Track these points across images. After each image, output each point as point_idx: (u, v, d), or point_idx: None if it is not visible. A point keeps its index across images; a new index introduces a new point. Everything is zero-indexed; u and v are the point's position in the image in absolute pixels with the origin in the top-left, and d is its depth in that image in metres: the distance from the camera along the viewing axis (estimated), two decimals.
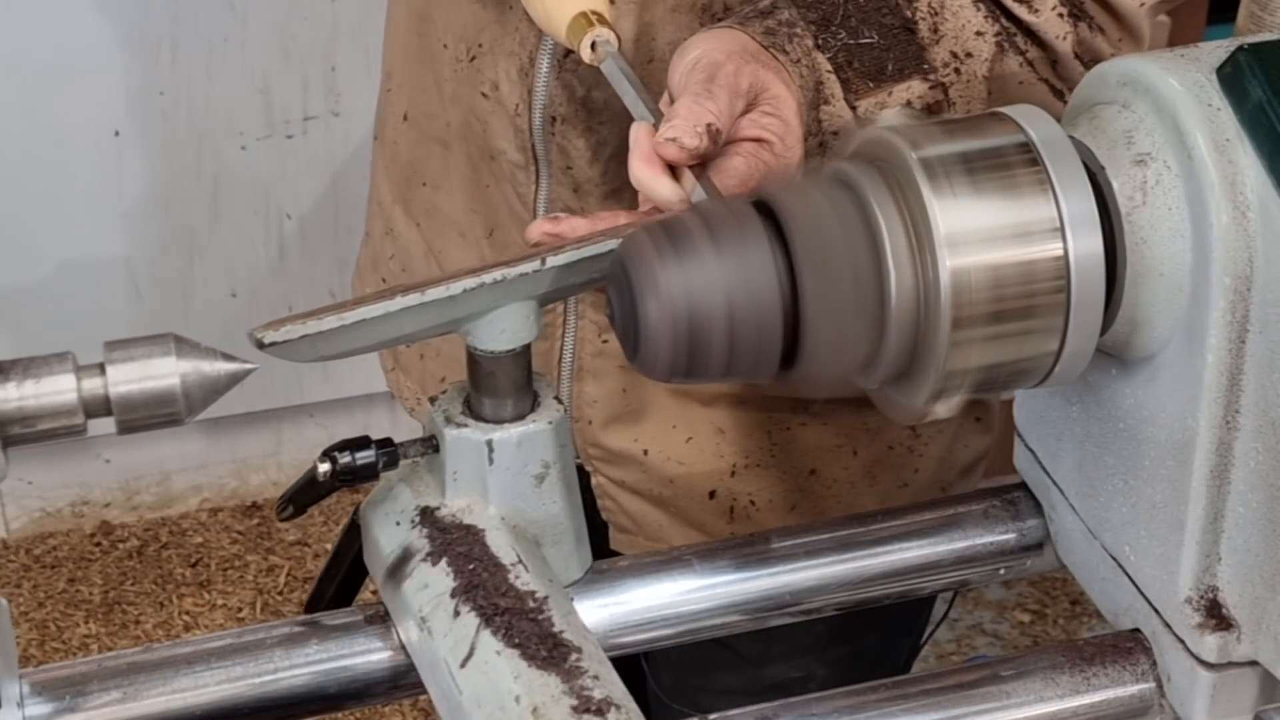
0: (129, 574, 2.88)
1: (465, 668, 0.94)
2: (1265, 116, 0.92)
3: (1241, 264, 0.92)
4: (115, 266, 2.75)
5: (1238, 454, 0.96)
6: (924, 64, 1.13)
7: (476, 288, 0.98)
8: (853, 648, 1.45)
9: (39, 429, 0.85)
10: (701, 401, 1.33)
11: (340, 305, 0.96)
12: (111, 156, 2.69)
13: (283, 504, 1.06)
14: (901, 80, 1.12)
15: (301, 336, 0.95)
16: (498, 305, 0.99)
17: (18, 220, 2.73)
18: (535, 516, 1.03)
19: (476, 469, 1.02)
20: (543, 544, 1.03)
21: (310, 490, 1.02)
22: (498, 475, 1.02)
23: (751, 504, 1.35)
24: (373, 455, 1.01)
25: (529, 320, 1.00)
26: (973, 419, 1.38)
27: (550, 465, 1.03)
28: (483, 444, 1.01)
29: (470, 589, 0.98)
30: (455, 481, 1.03)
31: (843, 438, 1.34)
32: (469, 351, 1.01)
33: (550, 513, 1.04)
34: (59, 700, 0.98)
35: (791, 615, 1.12)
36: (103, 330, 0.94)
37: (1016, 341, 0.95)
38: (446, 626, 0.97)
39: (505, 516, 1.02)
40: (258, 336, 0.94)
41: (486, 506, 1.02)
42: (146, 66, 2.61)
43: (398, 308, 0.97)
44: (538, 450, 1.02)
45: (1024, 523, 1.13)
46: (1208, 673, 1.00)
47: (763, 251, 0.93)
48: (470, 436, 1.02)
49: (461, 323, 0.99)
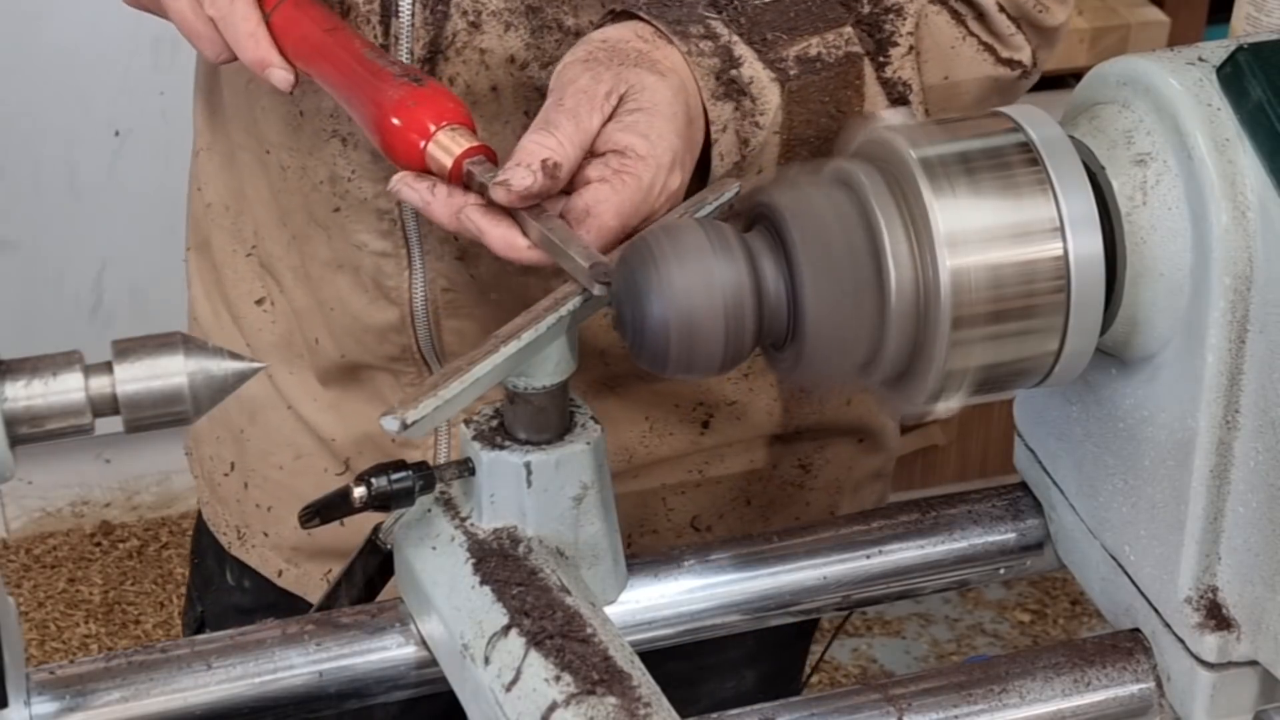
0: (129, 574, 2.88)
1: (511, 692, 0.94)
2: (1265, 116, 0.92)
3: (1241, 264, 0.92)
4: (116, 266, 2.75)
5: (1238, 454, 0.96)
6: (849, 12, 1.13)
7: (556, 321, 0.98)
8: (780, 661, 1.46)
9: (47, 429, 0.85)
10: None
11: (455, 369, 0.96)
12: (111, 156, 2.69)
13: (309, 514, 1.05)
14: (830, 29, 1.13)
15: (435, 409, 0.95)
16: (556, 339, 0.99)
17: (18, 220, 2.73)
18: (573, 538, 1.02)
19: (514, 491, 1.01)
20: (580, 565, 1.03)
21: (341, 507, 1.01)
22: (536, 497, 1.01)
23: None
24: (409, 479, 1.00)
25: (575, 348, 1.01)
26: (855, 440, 1.37)
27: (589, 486, 1.02)
28: (521, 466, 1.00)
29: (516, 613, 0.96)
30: (493, 504, 1.01)
31: (737, 491, 1.33)
32: (514, 394, 1.00)
33: (588, 534, 1.03)
34: (63, 699, 0.98)
35: (791, 615, 1.12)
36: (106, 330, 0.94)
37: (1016, 341, 0.95)
38: (490, 651, 0.96)
39: (544, 539, 1.01)
40: (401, 419, 0.94)
41: (525, 528, 1.01)
42: (146, 66, 2.61)
43: (503, 358, 0.97)
44: (576, 472, 1.01)
45: (1024, 522, 1.14)
46: (1207, 672, 1.00)
47: (763, 251, 0.94)
48: (508, 459, 1.00)
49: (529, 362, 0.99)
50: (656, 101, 1.05)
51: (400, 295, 1.24)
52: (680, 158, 1.05)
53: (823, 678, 2.73)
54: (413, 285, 1.24)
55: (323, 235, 1.26)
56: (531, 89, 1.15)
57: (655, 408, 1.28)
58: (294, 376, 1.34)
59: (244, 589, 1.44)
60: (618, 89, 1.04)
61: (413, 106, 1.06)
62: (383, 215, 1.22)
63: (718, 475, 1.32)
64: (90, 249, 2.77)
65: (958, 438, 2.85)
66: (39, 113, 2.67)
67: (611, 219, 1.01)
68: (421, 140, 1.05)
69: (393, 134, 1.06)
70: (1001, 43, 1.20)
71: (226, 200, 1.36)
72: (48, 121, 2.68)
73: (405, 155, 1.06)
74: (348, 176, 1.21)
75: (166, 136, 2.65)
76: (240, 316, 1.36)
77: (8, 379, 0.84)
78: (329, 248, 1.26)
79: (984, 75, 1.20)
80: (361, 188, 1.21)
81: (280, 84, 1.13)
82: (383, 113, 1.07)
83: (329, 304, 1.29)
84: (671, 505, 1.32)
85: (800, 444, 1.34)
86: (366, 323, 1.27)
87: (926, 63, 1.17)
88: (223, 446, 1.42)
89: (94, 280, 2.77)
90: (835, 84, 1.12)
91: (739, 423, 1.30)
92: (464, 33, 1.14)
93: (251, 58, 1.12)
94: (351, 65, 1.10)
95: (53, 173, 2.71)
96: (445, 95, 1.07)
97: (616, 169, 1.02)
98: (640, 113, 1.04)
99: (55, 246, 2.76)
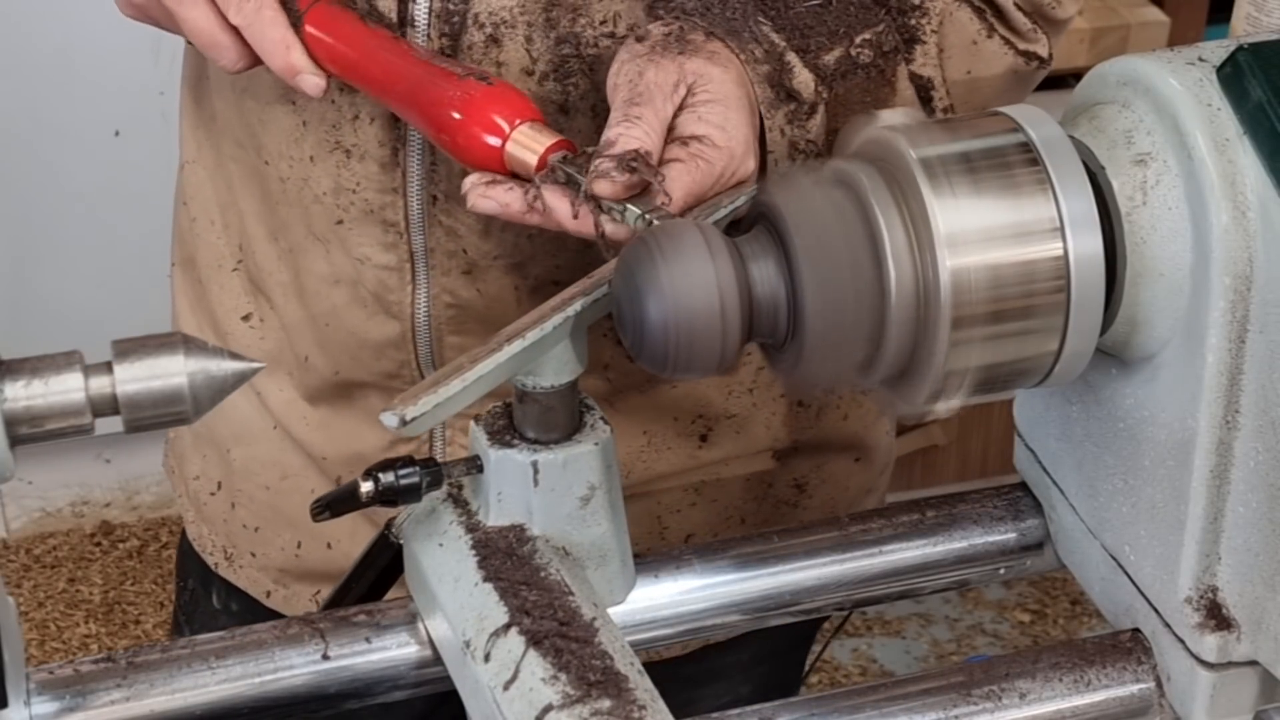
0: (129, 574, 2.88)
1: (509, 690, 0.94)
2: (1265, 116, 0.92)
3: (1241, 264, 0.92)
4: (116, 266, 2.75)
5: (1238, 454, 0.96)
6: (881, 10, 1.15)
7: (563, 322, 0.98)
8: (776, 665, 1.46)
9: (47, 429, 0.85)
10: None
11: (457, 367, 0.97)
12: (111, 156, 2.69)
13: (319, 507, 1.05)
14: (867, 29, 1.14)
15: (435, 406, 0.96)
16: (561, 339, 0.99)
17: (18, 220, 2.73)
18: (580, 539, 1.02)
19: (521, 490, 1.01)
20: (586, 566, 1.03)
21: (350, 501, 1.01)
22: (542, 497, 1.01)
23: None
24: (416, 475, 1.00)
25: (584, 348, 1.01)
26: (852, 459, 1.37)
27: (596, 487, 1.02)
28: (528, 465, 1.00)
29: (517, 611, 0.97)
30: (500, 502, 1.02)
31: (732, 510, 1.34)
32: (523, 393, 1.00)
33: (595, 535, 1.03)
34: (63, 699, 0.98)
35: (791, 615, 1.12)
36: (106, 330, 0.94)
37: (1016, 341, 0.95)
38: (491, 648, 0.96)
39: (550, 538, 1.01)
40: (400, 415, 0.95)
41: (531, 528, 1.01)
42: (146, 66, 2.61)
43: (506, 357, 0.97)
44: (583, 472, 1.01)
45: (1024, 522, 1.14)
46: (1207, 672, 1.00)
47: (762, 251, 0.94)
48: (515, 458, 1.00)
49: (536, 361, 0.99)
50: (725, 93, 1.06)
51: (402, 310, 1.24)
52: (753, 145, 1.06)
53: (823, 678, 2.73)
54: (415, 300, 1.23)
55: (321, 249, 1.25)
56: (548, 102, 1.15)
57: (654, 421, 1.28)
58: (282, 394, 1.33)
59: (231, 612, 1.43)
60: (685, 79, 1.05)
61: (484, 105, 1.05)
62: (388, 228, 1.21)
63: (714, 493, 1.32)
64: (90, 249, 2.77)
65: (958, 438, 2.85)
66: (39, 113, 2.67)
67: (679, 196, 1.02)
68: (497, 139, 1.05)
69: (464, 134, 1.05)
70: (1020, 37, 1.21)
71: (213, 214, 1.35)
72: (48, 121, 2.68)
73: (480, 156, 1.05)
74: (352, 188, 1.21)
75: (166, 137, 2.63)
76: (227, 333, 1.35)
77: (8, 379, 0.84)
78: (327, 261, 1.25)
79: (1006, 69, 1.21)
80: (367, 199, 1.21)
81: (312, 90, 1.12)
82: (450, 113, 1.06)
83: (323, 319, 1.28)
84: (667, 524, 1.32)
85: (797, 462, 1.34)
86: (364, 338, 1.26)
87: (950, 59, 1.18)
88: (209, 465, 1.41)
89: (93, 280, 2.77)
90: (875, 83, 1.14)
91: (738, 436, 1.30)
92: (480, 45, 1.14)
93: (281, 64, 1.11)
94: (407, 68, 1.09)
95: (53, 173, 2.71)
96: (515, 92, 1.07)
97: (694, 152, 1.03)
98: (713, 103, 1.05)
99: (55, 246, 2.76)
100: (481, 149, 1.05)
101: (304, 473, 1.34)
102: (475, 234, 1.20)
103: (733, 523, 1.33)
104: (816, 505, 1.36)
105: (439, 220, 1.20)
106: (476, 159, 1.06)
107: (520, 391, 1.00)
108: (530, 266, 1.20)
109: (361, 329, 1.26)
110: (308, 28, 1.12)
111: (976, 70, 1.20)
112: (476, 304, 1.22)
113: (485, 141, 1.05)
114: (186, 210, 1.38)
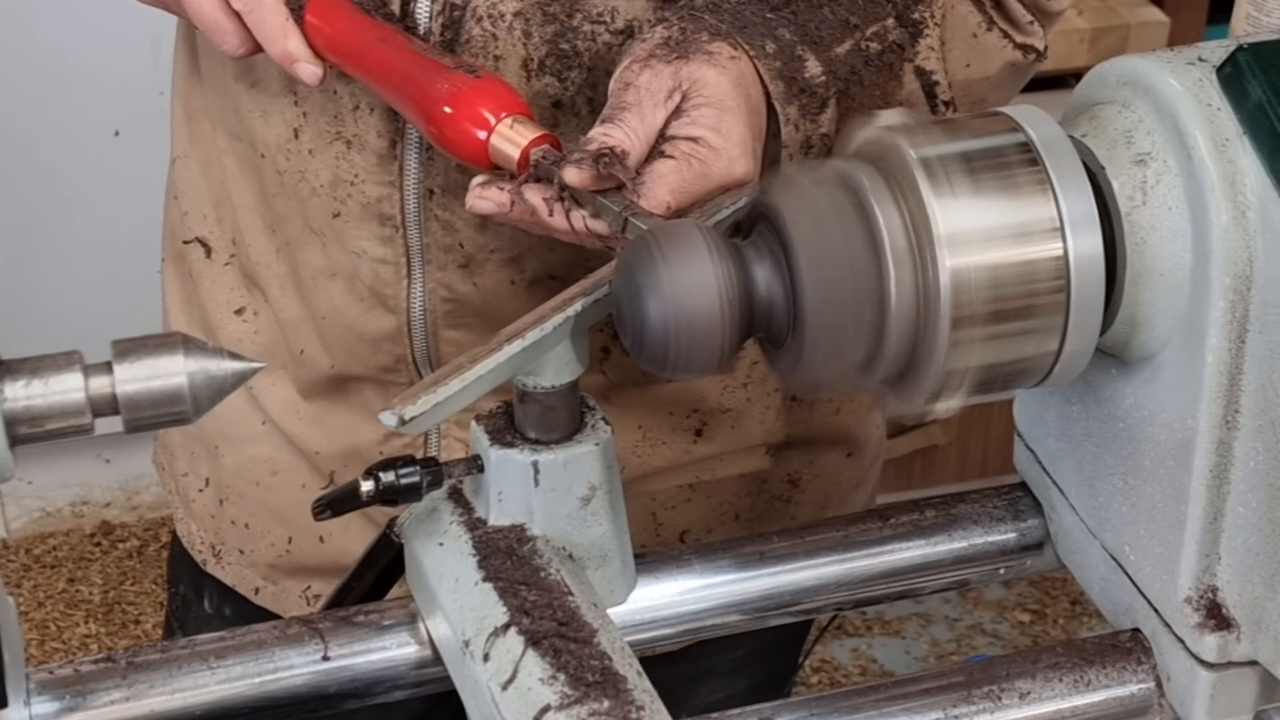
0: (129, 574, 2.88)
1: (507, 690, 0.94)
2: (1265, 116, 0.92)
3: (1241, 264, 0.92)
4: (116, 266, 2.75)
5: (1238, 454, 0.96)
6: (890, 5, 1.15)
7: (563, 322, 0.98)
8: (770, 661, 1.46)
9: (47, 429, 0.85)
10: None
11: (456, 367, 0.97)
12: (111, 156, 2.69)
13: (321, 506, 1.05)
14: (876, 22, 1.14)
15: (434, 406, 0.96)
16: (562, 340, 0.99)
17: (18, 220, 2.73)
18: (580, 539, 1.02)
19: (521, 490, 1.01)
20: (587, 566, 1.03)
21: (351, 500, 1.02)
22: (543, 497, 1.01)
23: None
24: (417, 475, 1.00)
25: (585, 349, 1.01)
26: (844, 454, 1.37)
27: (596, 488, 1.02)
28: (528, 465, 1.00)
29: (516, 611, 0.97)
30: (500, 502, 1.02)
31: (726, 505, 1.34)
32: (523, 393, 1.00)
33: (595, 535, 1.03)
34: (63, 699, 0.98)
35: (791, 615, 1.12)
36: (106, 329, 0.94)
37: (1016, 341, 0.95)
38: (490, 648, 0.96)
39: (550, 538, 1.01)
40: (399, 415, 0.95)
41: (531, 528, 1.02)
42: (146, 66, 2.61)
43: (506, 357, 0.97)
44: (584, 472, 1.01)
45: (1024, 522, 1.14)
46: (1207, 672, 1.00)
47: (762, 252, 0.94)
48: (515, 457, 1.00)
49: (537, 361, 0.99)
50: (720, 96, 1.06)
51: (398, 304, 1.24)
52: (750, 147, 1.06)
53: (823, 678, 2.74)
54: (411, 294, 1.23)
55: (317, 242, 1.25)
56: (544, 97, 1.15)
57: (649, 416, 1.28)
58: (275, 389, 1.33)
59: (224, 616, 1.43)
60: (680, 85, 1.06)
61: (472, 98, 1.05)
62: (385, 221, 1.21)
63: (708, 489, 1.32)
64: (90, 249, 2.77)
65: (958, 438, 2.86)
66: (38, 113, 2.67)
67: (665, 193, 1.02)
68: (483, 132, 1.05)
69: (451, 126, 1.05)
70: (1018, 29, 1.21)
71: (205, 208, 1.35)
72: (47, 121, 2.68)
73: (464, 148, 1.06)
74: (350, 180, 1.21)
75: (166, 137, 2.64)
76: (218, 328, 1.35)
77: (7, 379, 0.84)
78: (324, 255, 1.26)
79: (1005, 62, 1.21)
80: (365, 191, 1.21)
81: (308, 78, 1.13)
82: (439, 105, 1.06)
83: (320, 313, 1.28)
84: (661, 520, 1.32)
85: (790, 457, 1.34)
86: (360, 331, 1.26)
87: (951, 52, 1.19)
88: (197, 462, 1.41)
89: (93, 280, 2.77)
90: (882, 76, 1.14)
91: (733, 431, 1.30)
92: (480, 38, 1.14)
93: (279, 51, 1.12)
94: (400, 59, 1.10)
95: (52, 173, 2.71)
96: (503, 86, 1.07)
97: (686, 152, 1.04)
98: (707, 107, 1.05)
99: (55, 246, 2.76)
100: (467, 142, 1.06)
101: (295, 468, 1.34)
102: (472, 228, 1.20)
103: (727, 518, 1.34)
104: (809, 500, 1.36)
105: (435, 214, 1.20)
106: (463, 152, 1.06)
107: (521, 391, 1.00)
108: (527, 261, 1.21)
109: (358, 323, 1.26)
110: (309, 17, 1.12)
111: (976, 63, 1.20)
112: (473, 298, 1.22)
113: (471, 134, 1.05)
114: (178, 204, 1.38)
